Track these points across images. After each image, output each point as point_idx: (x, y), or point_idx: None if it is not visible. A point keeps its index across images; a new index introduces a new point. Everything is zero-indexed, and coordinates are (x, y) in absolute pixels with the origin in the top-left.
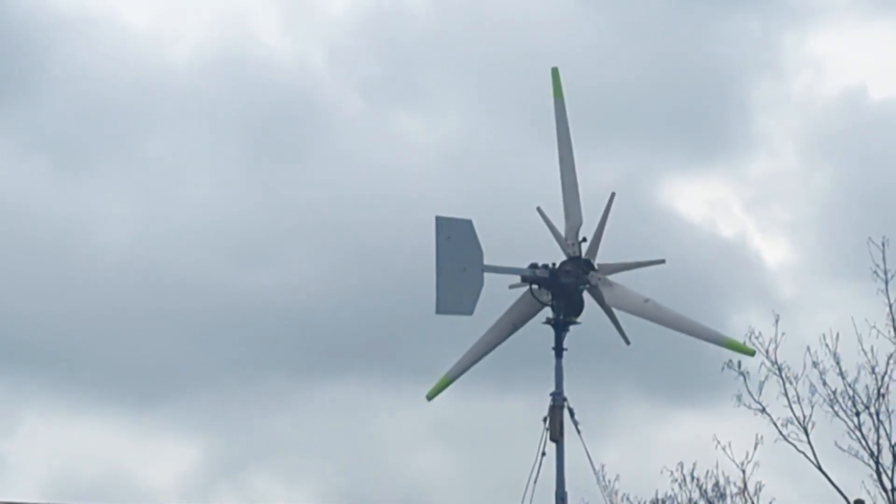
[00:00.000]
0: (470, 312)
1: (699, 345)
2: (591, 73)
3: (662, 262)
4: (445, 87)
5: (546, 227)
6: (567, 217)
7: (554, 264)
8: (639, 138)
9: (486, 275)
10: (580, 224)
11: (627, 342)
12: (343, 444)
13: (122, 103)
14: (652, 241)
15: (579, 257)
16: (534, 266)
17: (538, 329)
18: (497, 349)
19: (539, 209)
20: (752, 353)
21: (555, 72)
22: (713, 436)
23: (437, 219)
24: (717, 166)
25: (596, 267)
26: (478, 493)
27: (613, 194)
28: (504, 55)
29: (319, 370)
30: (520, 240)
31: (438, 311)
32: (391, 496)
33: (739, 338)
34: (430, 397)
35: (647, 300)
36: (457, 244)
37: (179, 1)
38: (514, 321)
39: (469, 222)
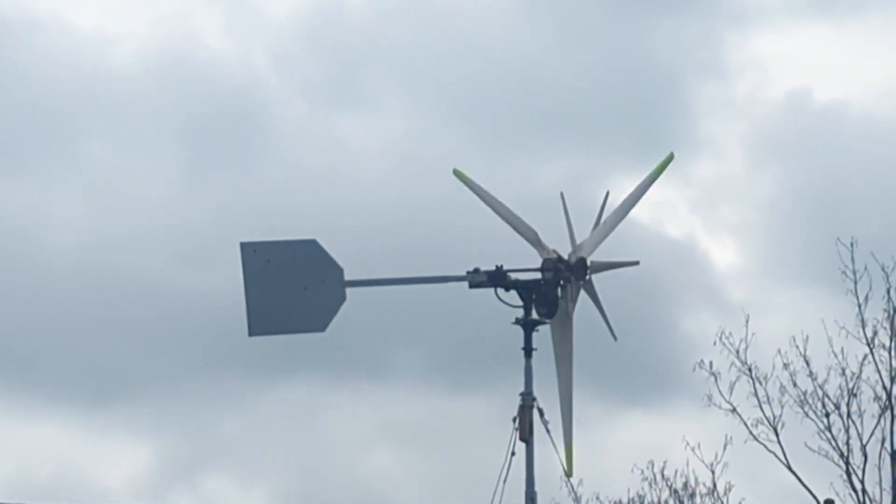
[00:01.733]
0: (322, 329)
1: (670, 346)
2: (536, 76)
3: (637, 263)
4: (390, 90)
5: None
6: (527, 238)
7: (500, 266)
8: (584, 140)
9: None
10: (535, 233)
11: (615, 338)
12: (298, 444)
13: (65, 105)
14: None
15: (559, 257)
16: (475, 271)
17: (498, 329)
18: (455, 349)
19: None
20: (670, 158)
21: (458, 172)
22: (683, 436)
23: (242, 245)
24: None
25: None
26: (435, 494)
27: (562, 193)
28: (448, 58)
29: (273, 370)
30: (466, 242)
31: (251, 334)
32: (347, 496)
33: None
34: (570, 474)
35: (602, 222)
36: (288, 265)
37: (122, 2)
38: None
39: (314, 242)
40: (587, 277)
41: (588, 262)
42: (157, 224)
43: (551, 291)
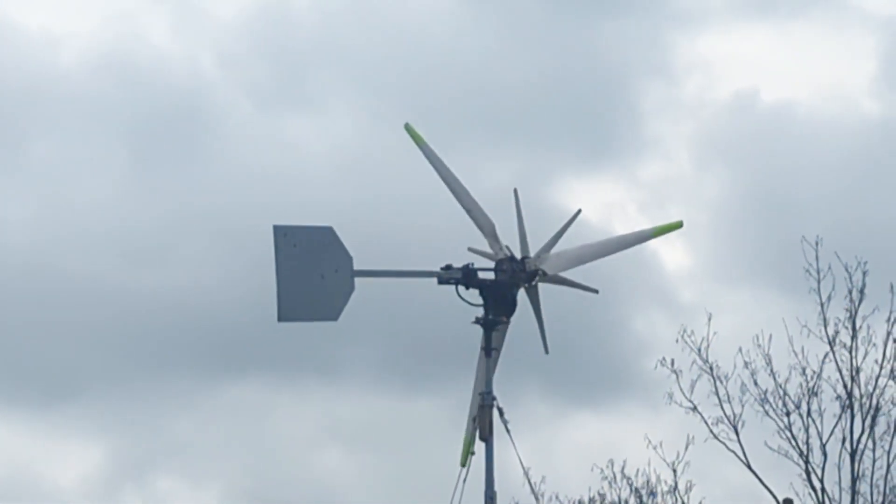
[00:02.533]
0: (336, 318)
1: (631, 345)
2: (482, 76)
3: (596, 291)
4: (336, 91)
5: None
6: (484, 232)
7: (470, 264)
8: (531, 140)
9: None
10: (493, 226)
11: (546, 351)
12: (249, 444)
13: (10, 106)
14: (547, 240)
15: (512, 257)
16: (448, 267)
17: (451, 329)
18: (407, 349)
19: (471, 249)
20: (679, 225)
21: (408, 127)
22: (644, 435)
23: (275, 228)
24: (610, 168)
25: (540, 270)
26: (390, 495)
27: (516, 190)
28: (394, 59)
29: (223, 370)
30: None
31: (281, 320)
32: (298, 496)
33: (662, 338)
34: (463, 463)
35: (581, 247)
36: (309, 252)
37: (68, 2)
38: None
39: (330, 229)
40: (534, 283)
41: (540, 272)
42: (105, 224)
43: (510, 292)
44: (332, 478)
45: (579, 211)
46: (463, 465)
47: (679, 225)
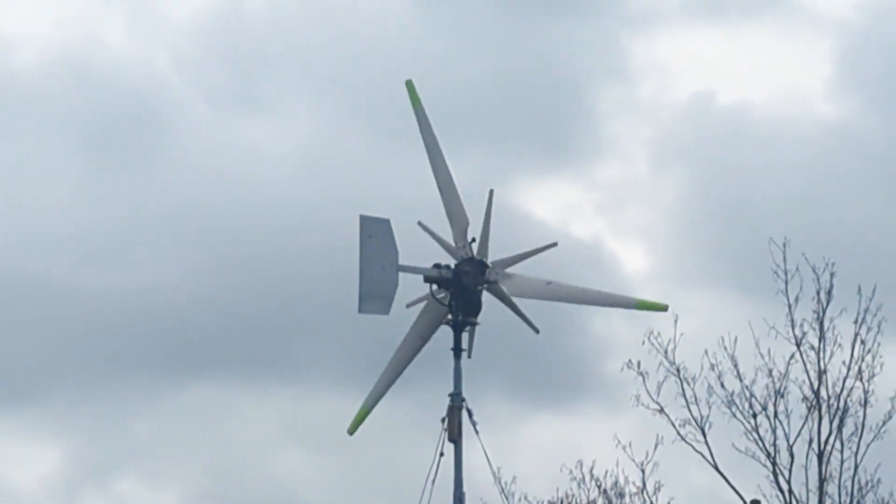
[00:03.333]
0: (387, 312)
1: (595, 346)
2: (438, 78)
3: (555, 244)
4: (291, 93)
5: (432, 238)
6: (452, 221)
7: (448, 266)
8: (488, 141)
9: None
10: (467, 225)
11: (536, 331)
12: (208, 445)
13: None
14: (507, 242)
15: (473, 258)
16: (437, 266)
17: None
18: (366, 354)
19: (420, 223)
20: (664, 308)
21: (409, 84)
22: (614, 435)
23: (362, 217)
24: (568, 171)
25: (490, 264)
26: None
27: (492, 191)
28: (350, 61)
29: (182, 372)
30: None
31: (361, 311)
32: (257, 497)
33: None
34: (351, 431)
35: (549, 283)
36: (377, 243)
37: (23, 4)
38: (421, 335)
39: (387, 221)
40: (490, 281)
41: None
42: (62, 226)
43: (475, 294)
44: (293, 479)
45: (555, 243)
46: (350, 433)
47: (664, 308)
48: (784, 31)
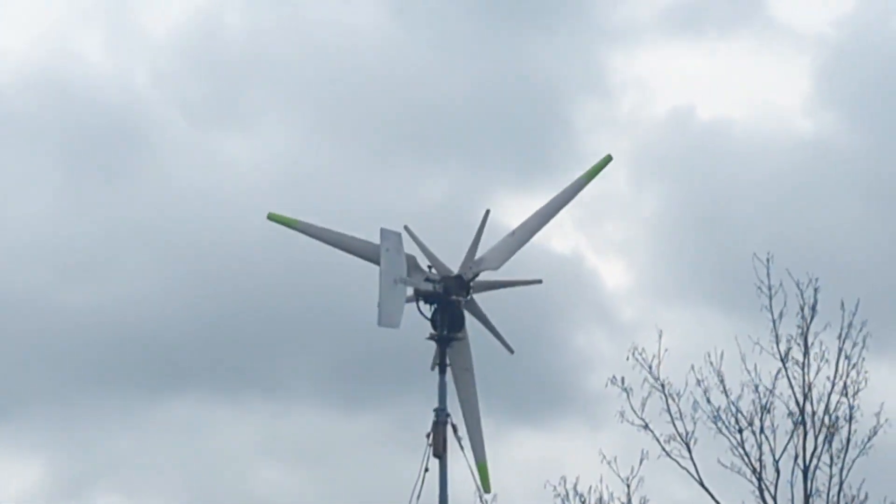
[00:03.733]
0: (398, 325)
1: (576, 362)
2: (416, 92)
3: (539, 282)
4: (269, 108)
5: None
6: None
7: (435, 283)
8: (466, 156)
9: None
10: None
11: (511, 351)
12: (187, 460)
13: None
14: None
15: (459, 276)
16: (428, 280)
17: (386, 350)
18: (346, 369)
19: (406, 228)
20: (608, 160)
21: (272, 217)
22: (599, 450)
23: (382, 230)
24: (546, 185)
25: (471, 285)
26: None
27: (488, 211)
28: (327, 76)
29: (161, 387)
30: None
31: (381, 324)
32: None
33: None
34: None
35: (512, 233)
36: (392, 256)
37: (1, 20)
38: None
39: (398, 234)
40: (468, 297)
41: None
42: (39, 240)
43: (458, 308)
44: (272, 494)
45: (539, 280)
46: (486, 491)
47: (608, 159)
48: (762, 48)
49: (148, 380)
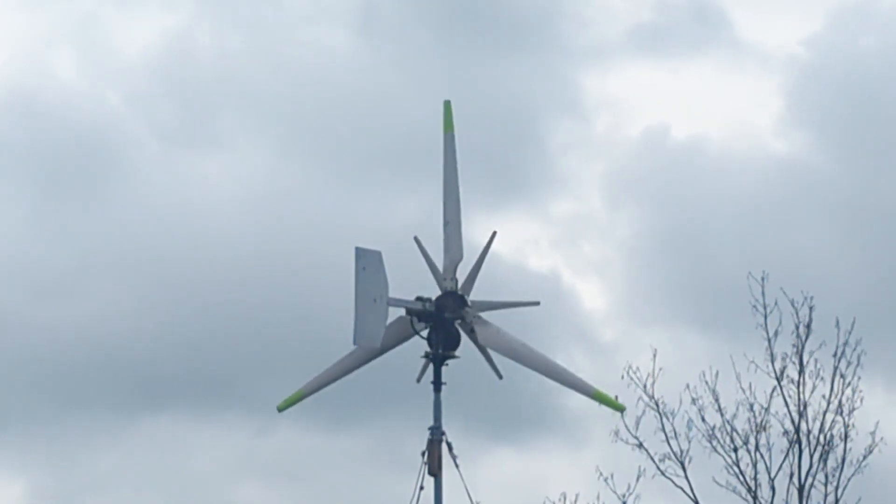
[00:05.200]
0: (378, 344)
1: (540, 383)
2: (389, 113)
3: (537, 304)
4: (242, 130)
5: (423, 258)
6: (447, 252)
7: (430, 299)
8: (439, 177)
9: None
10: (460, 259)
11: (500, 376)
12: (168, 478)
13: None
14: (461, 276)
15: (455, 292)
16: (420, 299)
17: (370, 368)
18: (329, 387)
19: (416, 239)
20: (621, 409)
21: (447, 105)
22: (596, 467)
23: (357, 249)
24: (522, 206)
25: (469, 303)
26: None
27: (494, 233)
28: (298, 97)
29: (139, 405)
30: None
31: (356, 343)
32: None
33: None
34: (280, 409)
35: (522, 345)
36: (370, 275)
37: None
38: (382, 346)
39: (378, 253)
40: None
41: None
42: (14, 260)
43: (454, 327)
44: None
45: (537, 302)
46: (280, 410)
47: (621, 409)
48: (732, 68)
49: (129, 398)
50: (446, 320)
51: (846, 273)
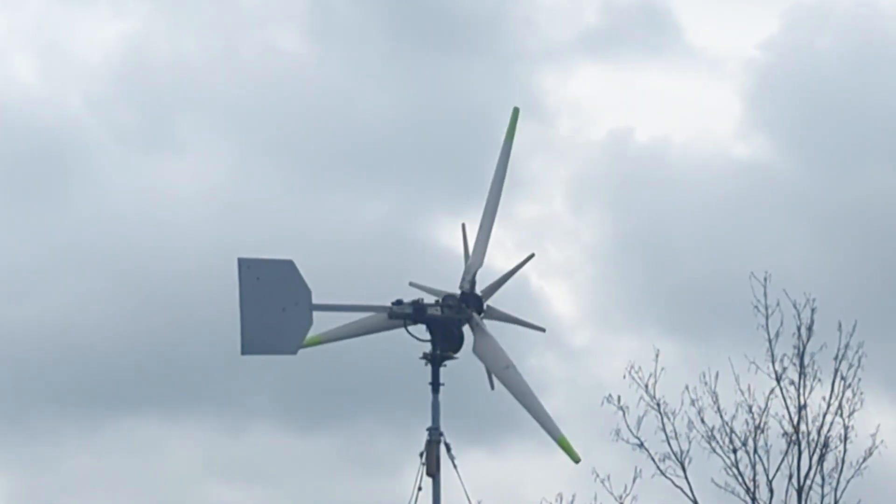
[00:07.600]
0: (294, 352)
1: (533, 386)
2: (353, 115)
3: (543, 330)
4: (204, 134)
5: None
6: (474, 254)
7: (420, 299)
8: (404, 178)
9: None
10: (480, 266)
11: (492, 387)
12: (142, 479)
13: None
14: (430, 277)
15: (475, 294)
16: (398, 303)
17: (346, 368)
18: (304, 387)
19: (462, 226)
20: (576, 461)
21: (515, 112)
22: (592, 468)
23: (240, 260)
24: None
25: (485, 308)
26: None
27: (463, 225)
28: (262, 101)
29: (114, 406)
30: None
31: (244, 353)
32: None
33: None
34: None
35: (507, 366)
36: (271, 285)
37: None
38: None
39: (291, 263)
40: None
41: (485, 305)
42: None
43: (457, 328)
44: None
45: (532, 255)
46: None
47: (576, 460)
48: (687, 72)
49: (101, 399)
50: (447, 319)
51: (809, 274)
